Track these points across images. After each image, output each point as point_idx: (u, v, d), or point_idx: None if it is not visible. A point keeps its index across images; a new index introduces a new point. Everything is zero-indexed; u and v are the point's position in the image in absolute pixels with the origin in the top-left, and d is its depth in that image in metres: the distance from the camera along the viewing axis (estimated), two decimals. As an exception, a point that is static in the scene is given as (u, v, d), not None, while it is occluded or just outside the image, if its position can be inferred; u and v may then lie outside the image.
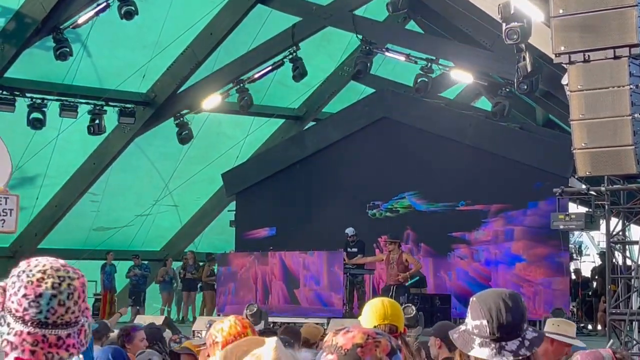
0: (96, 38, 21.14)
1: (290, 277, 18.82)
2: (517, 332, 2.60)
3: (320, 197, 21.56)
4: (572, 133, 11.89)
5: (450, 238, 19.92)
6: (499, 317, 2.58)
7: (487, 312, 2.60)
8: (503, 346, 2.58)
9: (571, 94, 11.65)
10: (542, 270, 18.70)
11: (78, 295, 2.32)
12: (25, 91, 21.05)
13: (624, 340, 12.28)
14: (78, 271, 2.37)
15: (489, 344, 2.58)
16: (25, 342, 2.27)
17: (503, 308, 2.59)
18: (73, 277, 2.33)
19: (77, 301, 2.32)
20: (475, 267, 19.61)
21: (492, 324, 2.58)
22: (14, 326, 2.28)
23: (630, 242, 14.16)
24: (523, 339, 2.60)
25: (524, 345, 2.58)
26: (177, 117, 23.09)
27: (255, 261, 19.52)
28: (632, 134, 11.34)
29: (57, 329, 2.29)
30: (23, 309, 2.28)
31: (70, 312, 2.30)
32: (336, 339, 2.34)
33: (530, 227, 18.89)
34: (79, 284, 2.34)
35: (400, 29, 23.43)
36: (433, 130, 20.23)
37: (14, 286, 2.32)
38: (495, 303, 2.61)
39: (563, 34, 11.60)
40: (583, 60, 11.44)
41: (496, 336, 2.58)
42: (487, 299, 2.63)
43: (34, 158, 22.24)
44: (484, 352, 2.59)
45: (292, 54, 22.10)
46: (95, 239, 24.81)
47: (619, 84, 11.37)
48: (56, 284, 2.30)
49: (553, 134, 21.25)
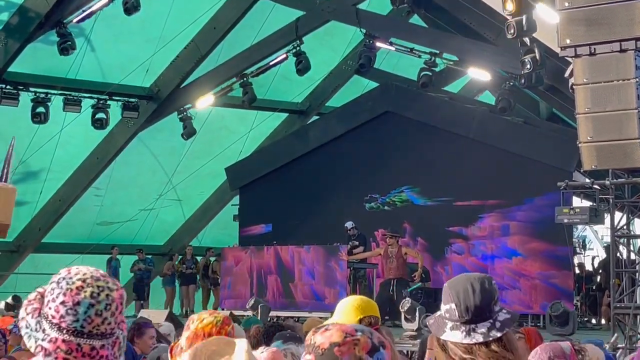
0: (100, 32, 21.13)
1: (285, 271, 18.81)
2: (486, 314, 2.61)
3: (323, 191, 21.56)
4: (577, 127, 11.85)
5: (447, 233, 19.94)
6: (466, 300, 2.61)
7: (455, 296, 2.63)
8: (473, 328, 2.60)
9: (577, 87, 11.62)
10: (539, 265, 18.65)
11: (116, 307, 2.31)
12: (28, 85, 21.06)
13: (629, 334, 12.27)
14: (117, 283, 2.35)
15: (459, 327, 2.61)
16: (59, 350, 2.25)
17: (470, 291, 2.62)
18: (112, 288, 2.31)
19: (114, 312, 2.30)
20: (472, 261, 19.61)
21: (460, 307, 2.60)
22: (49, 332, 2.26)
23: (635, 236, 14.19)
24: (494, 321, 2.61)
25: (494, 327, 2.60)
26: (181, 112, 23.09)
27: (250, 255, 19.57)
28: (638, 127, 11.31)
29: (92, 339, 2.27)
30: (60, 316, 2.26)
31: (106, 323, 2.29)
32: (314, 337, 2.28)
33: (528, 221, 18.87)
34: (118, 295, 2.32)
35: (404, 22, 23.39)
36: (437, 124, 20.23)
37: (53, 292, 2.29)
38: (463, 286, 2.64)
39: (569, 27, 11.57)
40: (589, 54, 11.40)
41: (465, 319, 2.60)
42: (456, 284, 2.66)
43: (38, 152, 22.26)
44: (455, 335, 2.61)
45: (295, 48, 22.08)
46: (98, 233, 24.83)
47: (625, 77, 11.34)
48: (95, 293, 2.28)
49: (557, 128, 21.24)
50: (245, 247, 20.70)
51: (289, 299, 18.63)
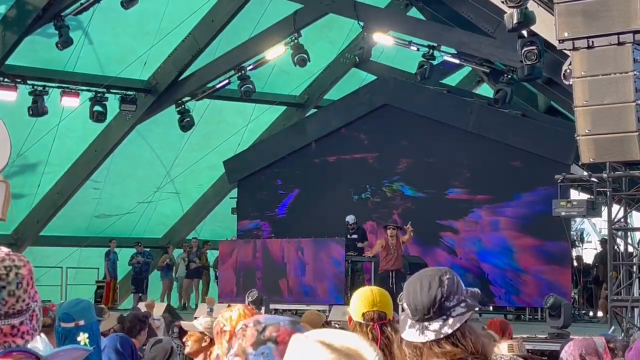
0: (98, 25, 21.12)
1: (274, 265, 18.75)
2: (438, 311, 2.60)
3: (321, 184, 21.56)
4: (575, 120, 11.87)
5: (437, 225, 19.93)
6: (414, 300, 2.62)
7: (406, 296, 2.66)
8: (426, 326, 2.61)
9: (575, 80, 11.63)
10: (534, 257, 18.60)
11: (27, 283, 2.30)
12: (26, 78, 21.04)
13: (626, 326, 12.29)
14: (23, 258, 2.34)
15: (414, 325, 2.63)
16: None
17: (418, 290, 2.62)
18: (19, 265, 2.31)
19: (26, 289, 2.30)
20: (463, 254, 19.61)
21: (411, 306, 2.63)
22: None
23: (632, 229, 14.18)
24: (448, 317, 2.60)
25: (446, 324, 2.59)
26: (179, 105, 23.07)
27: (240, 249, 19.57)
28: (635, 120, 11.33)
29: (10, 318, 2.28)
30: None
31: (21, 301, 2.29)
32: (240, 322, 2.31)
33: (524, 214, 18.85)
34: (27, 271, 2.31)
35: (402, 15, 23.36)
36: (435, 117, 20.23)
37: None
38: (413, 286, 2.65)
39: (567, 20, 11.57)
40: (587, 47, 11.41)
41: (417, 317, 2.62)
42: (408, 283, 2.69)
43: (36, 145, 22.25)
44: (411, 333, 2.63)
45: (293, 41, 22.06)
46: (97, 226, 24.83)
47: (623, 70, 11.35)
48: (3, 275, 2.28)
49: (555, 121, 21.23)
50: (238, 240, 20.65)
51: (279, 292, 18.55)
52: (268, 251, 19.22)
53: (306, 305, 17.34)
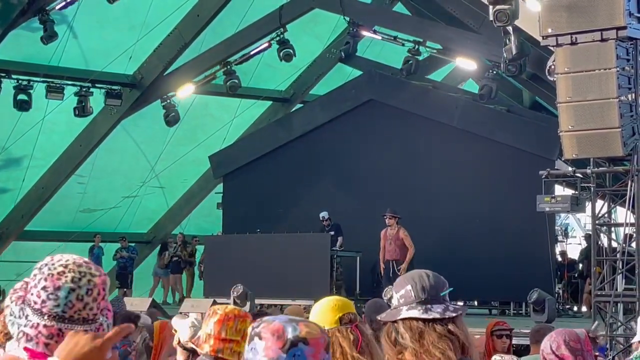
0: (82, 19, 21.04)
1: (260, 260, 18.70)
2: (440, 298, 2.78)
3: (307, 179, 21.57)
4: (559, 115, 11.91)
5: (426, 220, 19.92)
6: (421, 281, 2.78)
7: (410, 279, 2.80)
8: (429, 308, 2.75)
9: (558, 76, 11.67)
10: (519, 252, 18.56)
11: (98, 292, 2.30)
12: (11, 73, 20.95)
13: (609, 321, 12.36)
14: (101, 270, 2.35)
15: (416, 307, 2.75)
16: (41, 335, 2.25)
17: (424, 274, 2.82)
18: (94, 274, 2.31)
19: (96, 298, 2.29)
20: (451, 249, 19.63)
21: (416, 287, 2.77)
22: (32, 318, 2.27)
23: (616, 224, 14.24)
24: (448, 305, 2.78)
25: (448, 309, 2.76)
26: (164, 99, 23.02)
27: (225, 244, 19.51)
28: (618, 116, 11.37)
29: (74, 324, 2.26)
30: (41, 301, 2.26)
31: (88, 308, 2.28)
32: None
33: (508, 208, 18.83)
34: (100, 281, 2.31)
35: (388, 11, 23.39)
36: (420, 112, 20.26)
37: (35, 279, 2.30)
38: (418, 273, 2.84)
39: (551, 15, 11.60)
40: (570, 43, 11.45)
41: (421, 299, 2.75)
42: (408, 274, 2.87)
43: (20, 140, 22.18)
44: (413, 312, 2.75)
45: (279, 36, 22.04)
46: (82, 221, 24.77)
47: (606, 66, 11.40)
48: (76, 278, 2.28)
49: (540, 117, 21.29)
50: (224, 235, 20.58)
51: (265, 287, 18.51)
52: (253, 246, 19.22)
53: (291, 300, 17.34)
